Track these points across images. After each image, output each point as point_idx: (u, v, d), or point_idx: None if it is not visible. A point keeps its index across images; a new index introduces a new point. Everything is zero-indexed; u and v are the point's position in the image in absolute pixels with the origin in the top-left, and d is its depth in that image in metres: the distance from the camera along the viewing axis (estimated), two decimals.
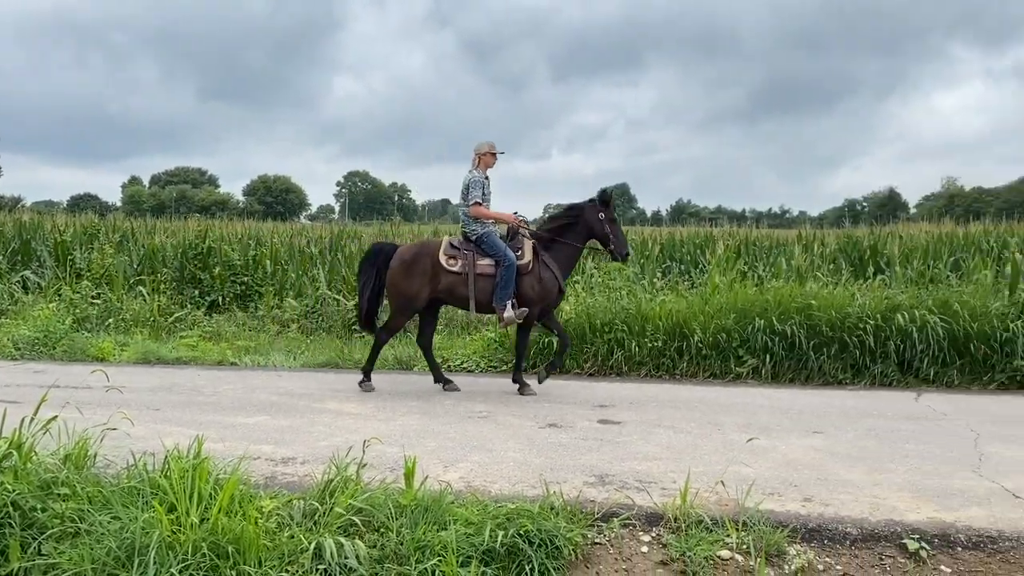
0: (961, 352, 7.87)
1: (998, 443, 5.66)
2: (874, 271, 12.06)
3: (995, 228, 16.41)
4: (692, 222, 21.35)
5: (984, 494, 4.55)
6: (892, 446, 5.58)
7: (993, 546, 3.92)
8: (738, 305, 8.49)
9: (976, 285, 8.85)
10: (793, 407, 6.84)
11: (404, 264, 7.37)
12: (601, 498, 4.37)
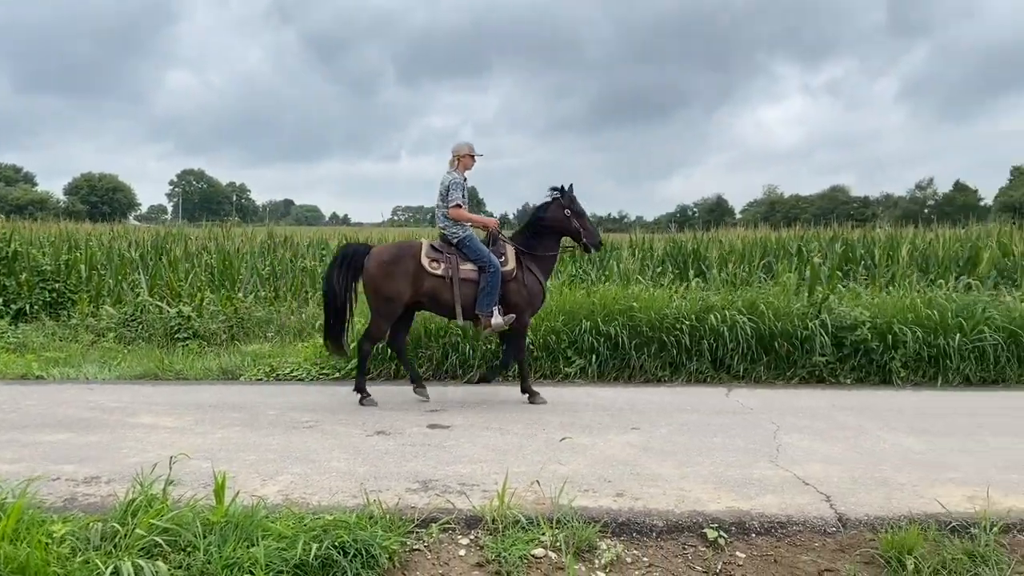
0: (767, 349, 8.48)
1: (795, 434, 6.14)
2: (695, 274, 12.76)
3: (804, 232, 17.80)
4: None
5: (778, 482, 4.92)
6: (702, 440, 5.93)
7: (783, 531, 4.25)
8: (567, 308, 8.76)
9: (780, 287, 9.56)
10: (615, 405, 7.14)
11: (383, 265, 7.05)
12: (422, 504, 4.39)
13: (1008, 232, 15.81)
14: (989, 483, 4.89)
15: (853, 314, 8.53)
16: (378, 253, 7.15)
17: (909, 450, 5.72)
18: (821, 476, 5.05)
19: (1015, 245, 13.65)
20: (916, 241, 14.69)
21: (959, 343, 8.30)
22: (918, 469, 5.24)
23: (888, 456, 5.55)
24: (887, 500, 4.61)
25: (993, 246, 13.48)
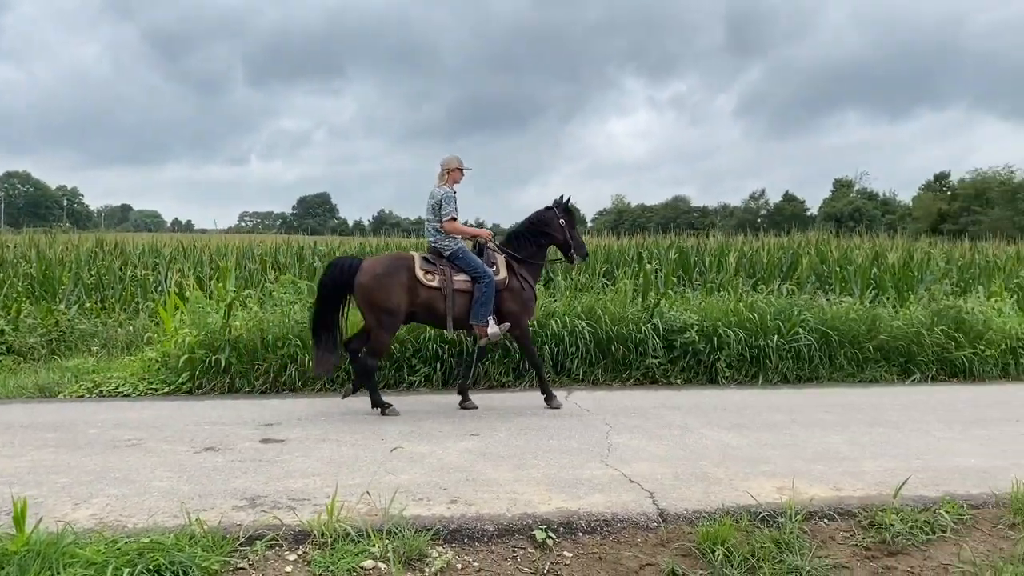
0: (605, 352, 8.78)
1: (626, 434, 6.39)
2: (544, 281, 13.04)
3: (644, 240, 18.58)
4: (395, 232, 21.67)
5: (607, 481, 5.10)
6: (538, 443, 6.06)
7: (608, 528, 4.41)
8: None
9: (616, 292, 9.94)
10: (457, 412, 7.18)
11: (378, 277, 6.92)
12: (248, 521, 4.25)
13: (826, 240, 17.12)
14: (796, 474, 5.28)
15: (682, 318, 8.98)
16: (371, 266, 7.03)
17: (728, 446, 6.08)
18: (647, 474, 5.27)
19: (831, 252, 14.80)
20: (744, 249, 15.64)
21: (777, 344, 8.91)
22: (735, 464, 5.57)
23: (710, 452, 5.88)
24: (705, 494, 4.88)
25: (812, 253, 14.55)
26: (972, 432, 6.64)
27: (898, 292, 11.63)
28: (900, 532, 4.41)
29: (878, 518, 4.54)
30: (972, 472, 5.46)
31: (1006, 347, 9.40)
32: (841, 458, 5.78)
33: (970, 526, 4.60)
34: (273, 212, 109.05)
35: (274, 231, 63.87)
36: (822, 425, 6.84)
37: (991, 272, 13.52)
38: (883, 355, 9.26)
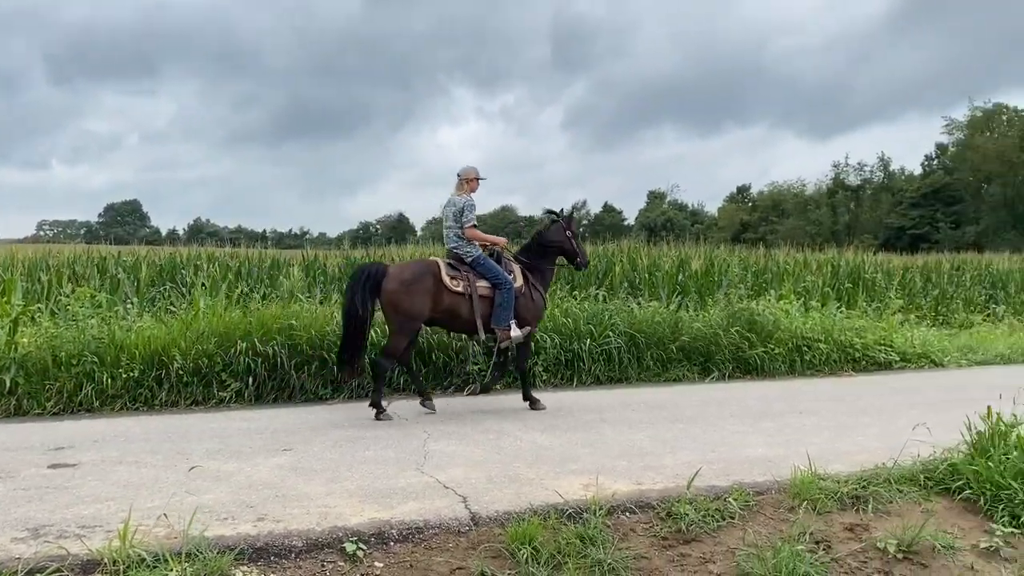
0: (426, 361, 8.83)
1: (443, 441, 6.44)
2: None
3: None
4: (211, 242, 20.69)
5: (421, 489, 5.12)
6: (354, 454, 5.99)
7: (420, 535, 4.42)
8: (221, 329, 8.37)
9: None
10: (268, 427, 6.95)
11: (405, 283, 7.21)
12: (30, 553, 3.92)
13: (637, 248, 18.03)
14: (602, 471, 5.53)
15: None
16: (398, 272, 7.32)
17: (541, 447, 6.27)
18: (462, 479, 5.34)
19: (642, 260, 15.60)
20: None
21: (590, 347, 9.29)
22: (546, 464, 5.76)
23: (523, 454, 6.04)
24: (517, 496, 5.01)
25: (624, 261, 15.27)
26: (761, 425, 7.22)
27: (700, 296, 12.44)
28: (694, 521, 4.71)
29: (674, 509, 4.83)
30: (759, 461, 5.93)
31: (792, 345, 10.29)
32: (644, 454, 6.11)
33: (755, 511, 4.98)
34: (77, 220, 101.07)
35: (77, 240, 59.17)
36: (628, 423, 7.20)
37: (782, 277, 14.77)
38: (685, 355, 9.89)
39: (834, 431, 6.99)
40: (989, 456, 5.29)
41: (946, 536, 4.68)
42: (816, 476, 5.27)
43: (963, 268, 19.30)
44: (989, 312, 16.11)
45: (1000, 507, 4.97)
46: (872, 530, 4.81)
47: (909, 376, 10.30)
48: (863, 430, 7.04)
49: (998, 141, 58.93)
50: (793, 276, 14.90)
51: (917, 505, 5.09)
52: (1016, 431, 5.42)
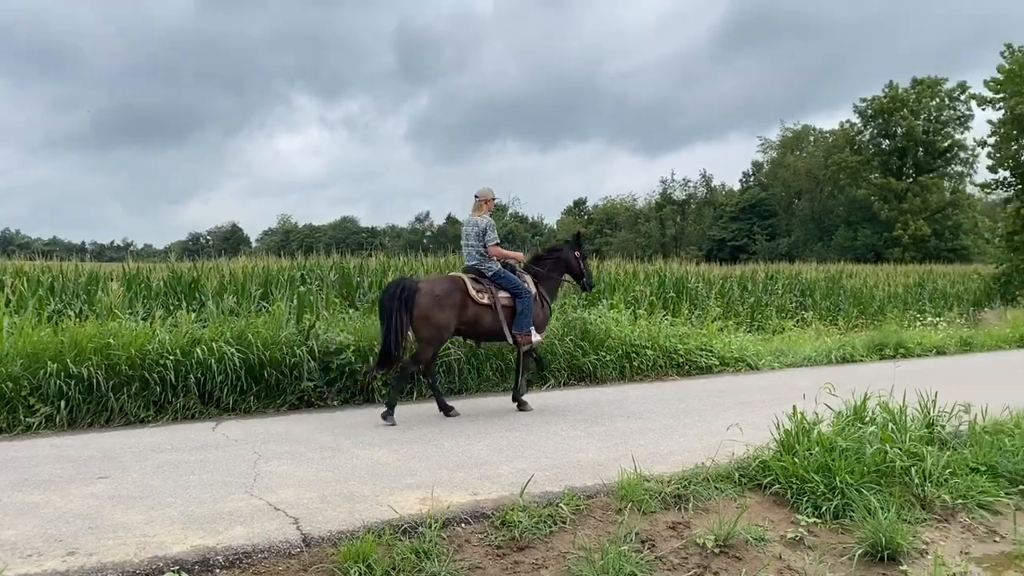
0: (257, 379, 8.51)
1: (275, 461, 6.24)
2: (199, 305, 12.29)
3: (305, 262, 18.32)
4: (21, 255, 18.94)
5: (250, 512, 4.94)
6: (177, 480, 5.69)
7: (248, 561, 4.26)
8: (28, 350, 7.73)
9: (270, 315, 9.70)
10: (83, 454, 6.49)
11: (436, 298, 7.81)
12: None
13: None
14: (439, 483, 5.54)
15: (339, 339, 9.01)
16: (429, 288, 7.89)
17: (377, 463, 6.20)
18: (293, 500, 5.19)
19: None
20: (404, 269, 16.13)
21: None
22: (382, 480, 5.70)
23: (359, 471, 5.95)
24: (351, 514, 4.92)
25: None
26: (592, 429, 7.47)
27: None
28: (527, 528, 4.81)
29: (508, 517, 4.91)
30: (589, 466, 6.14)
31: (622, 352, 10.74)
32: (481, 463, 6.18)
33: (586, 515, 5.15)
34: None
35: None
36: (466, 434, 7.26)
37: (614, 287, 15.39)
38: None
39: (659, 433, 7.35)
40: (795, 452, 5.73)
41: (757, 529, 5.02)
42: (641, 478, 5.51)
43: (776, 277, 20.84)
44: (799, 318, 17.47)
45: (804, 499, 5.40)
46: (693, 527, 5.09)
47: (727, 379, 11.00)
48: (685, 431, 7.44)
49: (806, 160, 64.20)
50: (624, 286, 15.55)
51: (732, 501, 5.43)
52: (817, 429, 5.91)
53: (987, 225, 27.16)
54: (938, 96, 54.58)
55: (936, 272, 27.38)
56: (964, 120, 54.06)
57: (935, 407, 6.74)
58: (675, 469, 5.90)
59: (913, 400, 6.70)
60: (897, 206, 52.12)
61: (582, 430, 7.46)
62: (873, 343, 13.51)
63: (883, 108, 54.83)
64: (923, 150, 54.44)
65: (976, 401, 6.92)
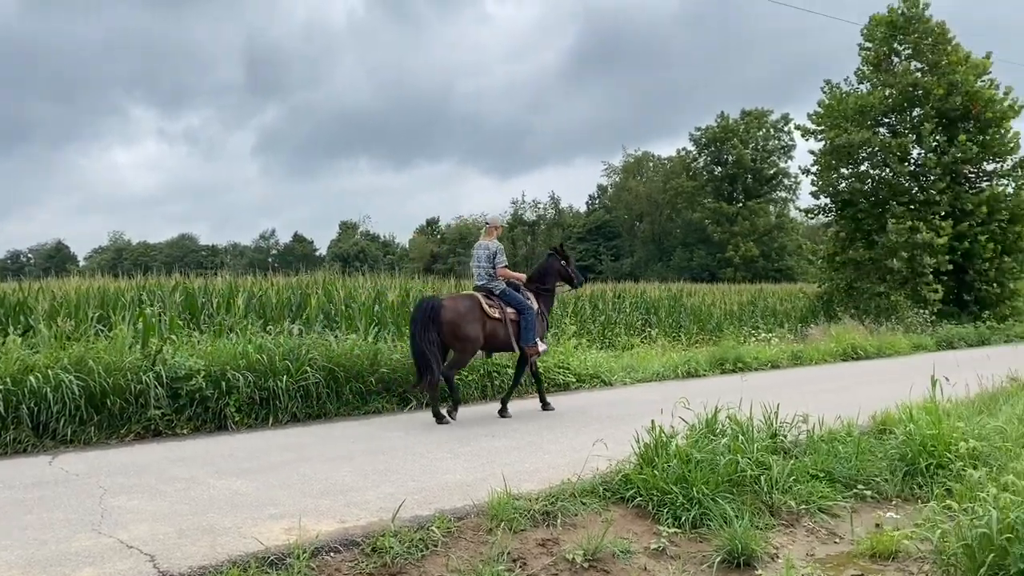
0: (99, 408, 7.94)
1: (124, 495, 5.85)
2: (23, 329, 11.31)
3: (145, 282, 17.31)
4: None
5: (100, 551, 4.61)
6: (13, 520, 5.22)
7: None
8: None
9: (112, 340, 9.09)
10: None
11: (462, 315, 8.85)
12: None
13: (333, 280, 17.89)
14: (304, 512, 5.38)
15: (188, 363, 8.57)
16: (453, 305, 8.94)
17: (237, 493, 5.94)
18: (147, 536, 4.89)
19: (338, 291, 15.49)
20: (254, 289, 15.55)
21: (287, 384, 9.00)
22: (243, 510, 5.47)
23: (217, 502, 5.68)
24: (212, 548, 4.69)
25: (320, 293, 15.06)
26: (458, 450, 7.47)
27: (398, 327, 12.64)
28: (399, 553, 4.75)
29: (379, 543, 4.83)
30: (458, 487, 6.14)
31: (484, 372, 10.80)
32: (347, 490, 6.04)
33: (457, 536, 5.15)
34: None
35: None
36: (330, 459, 7.08)
37: None
38: (384, 386, 9.95)
39: (524, 451, 7.45)
40: (654, 465, 5.98)
41: (623, 542, 5.20)
42: (511, 497, 5.57)
43: (623, 296, 21.66)
44: (645, 335, 18.23)
45: (665, 510, 5.65)
46: (562, 543, 5.20)
47: (584, 395, 11.31)
48: (549, 447, 7.59)
49: (646, 184, 67.33)
50: None
51: (598, 515, 5.59)
52: (674, 442, 6.19)
53: (809, 247, 29.32)
54: (764, 127, 58.82)
55: (767, 291, 29.35)
56: (788, 150, 58.57)
57: (777, 418, 7.21)
58: (542, 486, 6.00)
59: (758, 412, 7.14)
60: (729, 229, 55.57)
61: (448, 451, 7.45)
62: (715, 358, 14.30)
63: (715, 137, 58.50)
64: (752, 177, 58.38)
65: (811, 411, 7.47)
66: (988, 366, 10.22)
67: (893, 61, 25.79)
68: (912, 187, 25.11)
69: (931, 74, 24.63)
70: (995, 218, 24.01)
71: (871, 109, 25.17)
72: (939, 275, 23.49)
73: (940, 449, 6.64)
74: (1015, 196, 25.01)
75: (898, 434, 7.05)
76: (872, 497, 6.44)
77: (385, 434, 8.34)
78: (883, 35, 25.47)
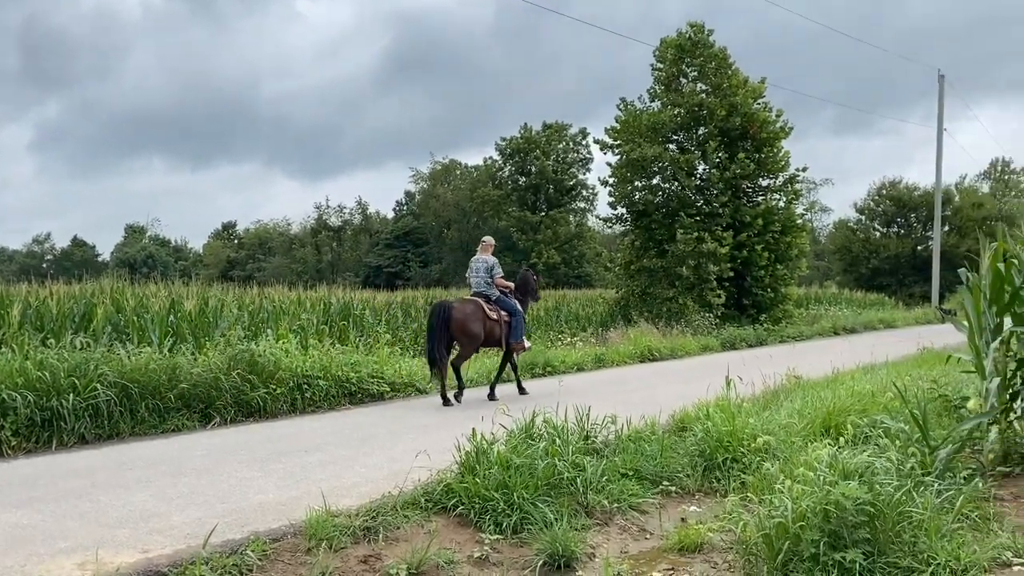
0: None
1: None
2: None
3: None
4: None
5: None
6: None
7: None
8: None
9: None
10: None
11: (468, 315, 11.04)
12: None
13: (121, 288, 16.54)
14: (101, 543, 4.92)
15: None
16: (462, 308, 11.11)
17: (18, 526, 5.34)
18: None
19: (127, 300, 14.34)
20: (30, 299, 14.06)
21: (73, 403, 8.20)
22: (28, 545, 4.93)
23: None
24: None
25: (107, 302, 13.88)
26: (270, 467, 7.14)
27: (196, 339, 11.90)
28: None
29: (189, 572, 4.51)
30: (272, 506, 5.86)
31: (294, 384, 10.40)
32: (149, 516, 5.60)
33: (274, 559, 4.92)
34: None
35: None
36: (126, 484, 6.53)
37: (278, 315, 14.89)
38: (184, 403, 9.32)
39: (340, 465, 7.24)
40: (476, 473, 6.00)
41: (446, 552, 5.18)
42: (329, 514, 5.40)
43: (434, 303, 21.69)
44: None
45: (487, 517, 5.69)
46: (384, 559, 5.10)
47: (400, 405, 11.17)
48: (366, 460, 7.43)
49: (454, 192, 67.99)
50: (289, 314, 15.14)
51: (421, 527, 5.55)
52: (495, 448, 6.25)
53: (607, 256, 30.82)
54: (564, 140, 61.23)
55: (569, 296, 30.49)
56: (586, 162, 61.26)
57: (589, 420, 7.48)
58: (362, 501, 5.87)
59: (572, 415, 7.37)
60: (533, 237, 57.27)
61: (259, 469, 7.09)
62: (525, 362, 14.63)
63: (519, 148, 60.14)
64: (553, 187, 60.49)
65: (618, 411, 7.82)
66: (770, 364, 11.17)
67: (681, 82, 27.66)
68: (698, 200, 26.98)
69: (714, 95, 26.63)
70: (769, 229, 26.33)
71: (662, 126, 26.83)
72: (722, 281, 25.42)
73: (735, 444, 7.16)
74: (786, 209, 27.63)
75: (697, 431, 7.52)
76: (676, 492, 6.83)
77: (187, 454, 7.81)
78: (672, 57, 27.24)
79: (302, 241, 71.27)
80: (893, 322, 33.70)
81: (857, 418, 7.73)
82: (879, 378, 10.76)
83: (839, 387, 9.88)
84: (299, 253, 69.38)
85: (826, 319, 30.35)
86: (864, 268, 55.80)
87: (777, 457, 6.75)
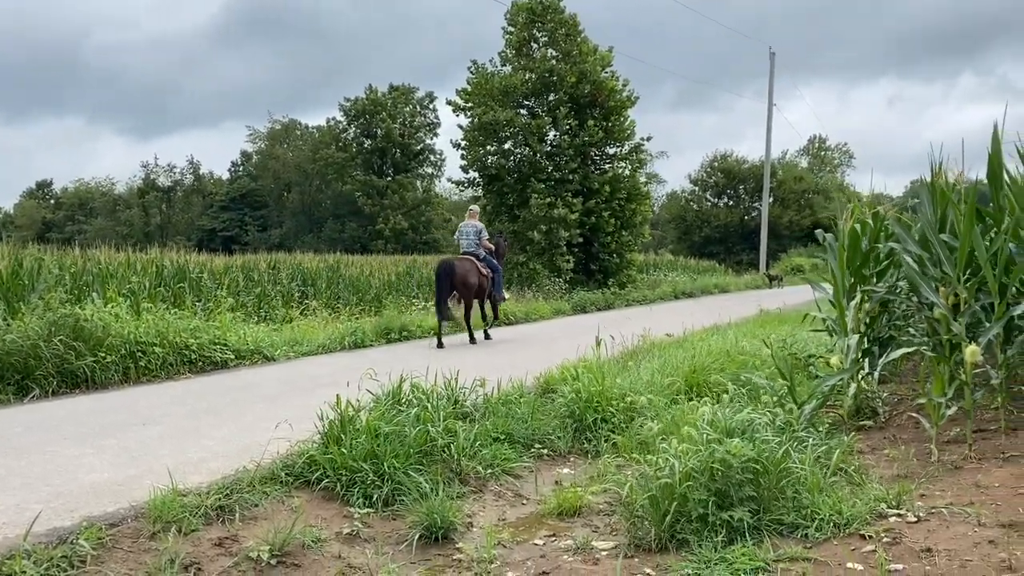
0: None
1: None
2: None
3: None
4: None
5: None
6: None
7: None
8: None
9: None
10: None
11: (468, 270, 13.20)
12: None
13: None
14: None
15: None
16: (461, 264, 13.30)
17: None
18: None
19: None
20: None
21: None
22: None
23: None
24: None
25: None
26: (102, 443, 6.36)
27: (8, 304, 10.59)
28: None
29: (7, 568, 3.84)
30: (107, 488, 5.18)
31: (126, 351, 9.44)
32: None
33: (112, 547, 4.31)
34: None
35: None
36: None
37: (105, 278, 13.56)
38: None
39: (184, 439, 6.56)
40: (341, 443, 5.55)
41: (312, 530, 4.74)
42: (177, 493, 4.81)
43: (279, 267, 20.62)
44: (305, 306, 17.52)
45: (355, 490, 5.27)
46: (243, 540, 4.60)
47: (246, 373, 10.41)
48: (213, 433, 6.78)
49: (295, 153, 65.28)
50: (117, 277, 13.84)
51: (282, 504, 5.06)
52: (363, 416, 5.82)
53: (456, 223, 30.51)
54: (411, 103, 60.05)
55: (419, 262, 29.96)
56: (433, 127, 60.42)
57: (458, 384, 7.17)
58: (213, 477, 5.30)
59: (440, 381, 7.03)
60: (379, 202, 55.98)
61: (90, 446, 6.29)
62: (380, 328, 14.10)
63: (365, 109, 58.38)
64: (400, 151, 59.31)
65: (484, 374, 7.53)
66: (627, 325, 11.28)
67: (532, 47, 27.57)
68: (549, 166, 27.09)
69: (565, 62, 26.72)
70: (616, 196, 26.88)
71: (514, 90, 26.67)
72: (571, 247, 25.77)
73: (604, 404, 7.08)
74: (631, 178, 28.27)
75: (565, 392, 7.38)
76: (548, 455, 6.67)
77: (2, 431, 6.85)
78: (524, 21, 27.06)
79: (128, 202, 66.41)
80: (727, 287, 35.57)
81: (719, 376, 7.86)
82: (729, 338, 11.11)
83: (695, 347, 10.09)
84: (124, 215, 64.65)
85: (667, 284, 31.55)
86: (696, 236, 58.70)
87: (646, 416, 6.72)
